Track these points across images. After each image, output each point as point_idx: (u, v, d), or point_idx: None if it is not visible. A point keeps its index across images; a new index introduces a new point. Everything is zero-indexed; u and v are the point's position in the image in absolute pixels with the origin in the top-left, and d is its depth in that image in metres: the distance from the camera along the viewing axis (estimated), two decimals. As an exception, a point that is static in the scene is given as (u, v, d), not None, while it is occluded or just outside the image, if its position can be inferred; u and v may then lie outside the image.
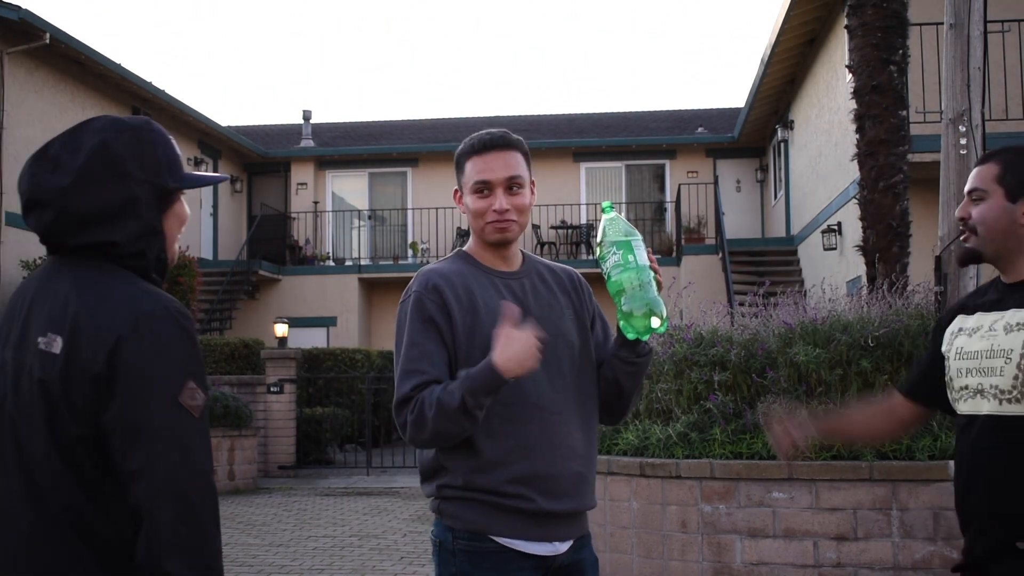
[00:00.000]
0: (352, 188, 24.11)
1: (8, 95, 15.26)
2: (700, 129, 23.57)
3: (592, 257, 20.41)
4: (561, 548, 2.38)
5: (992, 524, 2.25)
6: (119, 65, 17.40)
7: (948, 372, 2.40)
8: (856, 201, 8.16)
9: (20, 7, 14.53)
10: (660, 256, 20.04)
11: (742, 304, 10.49)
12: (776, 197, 21.21)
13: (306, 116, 24.63)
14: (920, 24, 10.46)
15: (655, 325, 2.33)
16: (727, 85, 59.34)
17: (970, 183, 2.39)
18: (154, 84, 18.77)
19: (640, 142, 23.02)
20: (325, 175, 24.05)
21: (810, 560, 5.15)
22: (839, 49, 13.82)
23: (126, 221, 1.78)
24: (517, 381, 2.27)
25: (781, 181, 20.36)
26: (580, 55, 66.22)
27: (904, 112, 7.99)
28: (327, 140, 25.01)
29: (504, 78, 65.21)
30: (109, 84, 17.88)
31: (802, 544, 5.17)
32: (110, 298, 1.73)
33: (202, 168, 21.67)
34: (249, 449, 12.89)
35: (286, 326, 16.01)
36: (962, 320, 2.42)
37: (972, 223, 2.37)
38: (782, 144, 19.84)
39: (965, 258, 2.43)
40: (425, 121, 26.78)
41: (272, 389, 14.08)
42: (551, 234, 22.27)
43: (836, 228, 14.61)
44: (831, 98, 14.91)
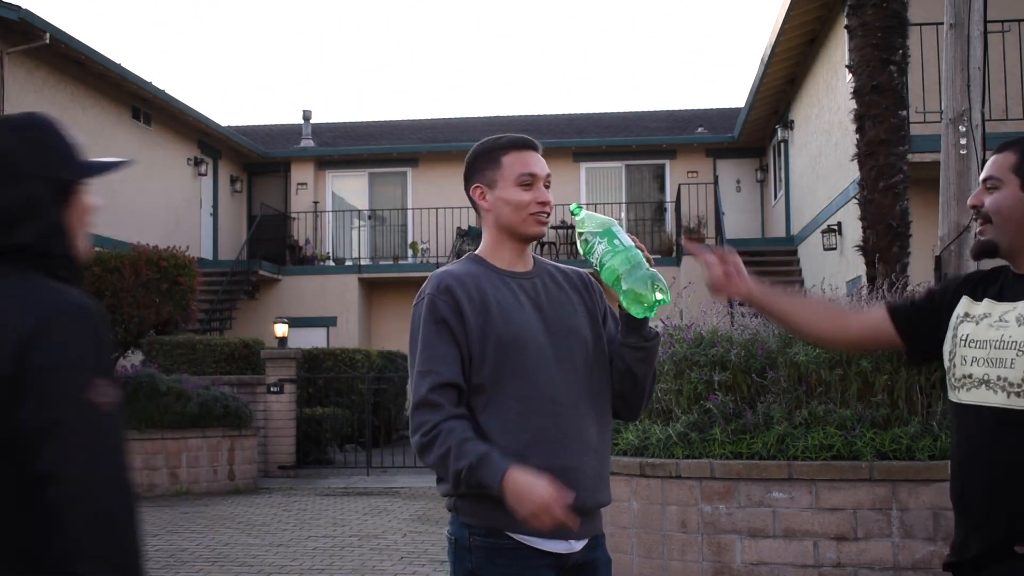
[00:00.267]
0: (352, 188, 24.12)
1: (8, 95, 15.26)
2: (700, 129, 23.57)
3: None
4: (576, 546, 2.40)
5: (990, 522, 2.21)
6: (119, 65, 17.39)
7: (951, 358, 2.34)
8: (856, 201, 8.16)
9: (20, 7, 14.53)
10: (660, 256, 20.03)
11: (742, 304, 10.48)
12: (776, 197, 21.21)
13: (306, 116, 24.64)
14: (920, 24, 10.46)
15: (660, 297, 2.36)
16: (727, 85, 59.34)
17: (985, 171, 2.34)
18: (154, 84, 18.77)
19: (640, 142, 23.02)
20: (325, 175, 24.05)
21: (810, 560, 5.15)
22: (839, 49, 13.82)
23: (27, 223, 1.72)
24: (531, 376, 2.35)
25: (781, 181, 20.36)
26: (580, 55, 66.27)
27: (904, 112, 7.98)
28: (327, 140, 25.01)
29: (504, 78, 65.25)
30: (109, 84, 17.87)
31: (802, 544, 5.17)
32: (15, 299, 1.68)
33: (202, 168, 21.69)
34: (249, 449, 12.90)
35: (286, 326, 16.01)
36: (968, 304, 2.35)
37: (985, 211, 2.31)
38: (782, 144, 19.84)
39: (981, 251, 2.37)
40: (425, 121, 26.77)
41: (272, 389, 14.08)
42: (551, 234, 22.23)
43: (836, 228, 14.61)
44: (831, 98, 14.90)
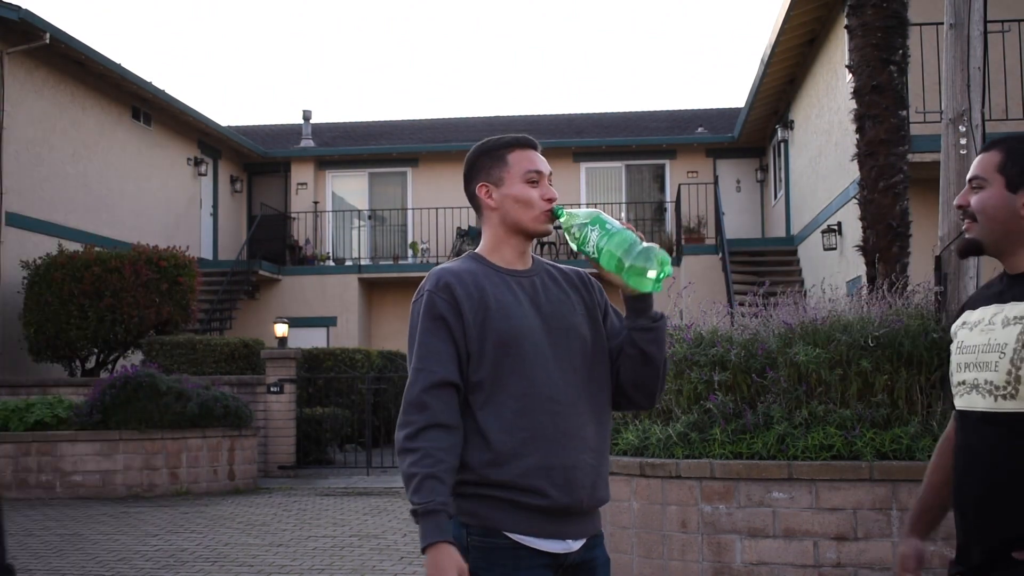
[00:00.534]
0: (352, 188, 24.12)
1: (8, 95, 15.26)
2: (700, 129, 23.57)
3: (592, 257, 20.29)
4: (574, 546, 2.40)
5: (987, 528, 2.20)
6: (119, 65, 17.40)
7: (951, 367, 2.34)
8: (856, 201, 8.16)
9: (20, 7, 14.54)
10: (660, 256, 20.00)
11: (742, 304, 10.49)
12: (776, 197, 21.20)
13: (306, 116, 24.64)
14: (920, 24, 10.46)
15: (664, 268, 2.37)
16: (727, 85, 59.26)
17: (971, 171, 2.34)
18: (154, 84, 18.78)
19: (640, 142, 23.02)
20: (325, 175, 24.05)
21: (810, 560, 5.15)
22: (839, 49, 13.82)
23: None
24: (529, 374, 2.35)
25: (781, 181, 20.36)
26: (580, 55, 66.19)
27: (904, 112, 7.98)
28: (327, 140, 25.00)
29: (504, 78, 65.18)
30: (109, 84, 17.87)
31: (802, 544, 5.17)
32: None
33: (202, 168, 21.68)
34: (249, 449, 12.90)
35: (286, 326, 16.02)
36: (967, 315, 2.37)
37: (971, 210, 2.31)
38: (782, 144, 19.84)
39: (965, 249, 2.37)
40: (425, 121, 26.77)
41: (272, 389, 14.09)
42: (552, 234, 22.24)
43: (836, 228, 14.61)
44: (831, 98, 14.90)
